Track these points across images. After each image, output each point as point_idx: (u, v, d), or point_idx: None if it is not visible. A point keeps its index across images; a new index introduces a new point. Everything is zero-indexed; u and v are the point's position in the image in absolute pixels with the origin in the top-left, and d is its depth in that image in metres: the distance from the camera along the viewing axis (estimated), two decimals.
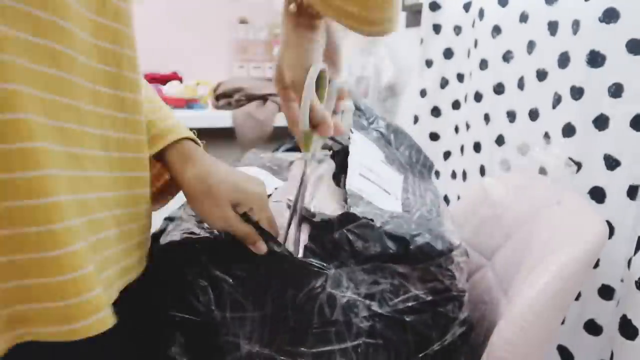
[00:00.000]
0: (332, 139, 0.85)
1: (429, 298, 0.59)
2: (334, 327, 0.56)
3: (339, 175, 0.77)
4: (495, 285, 0.77)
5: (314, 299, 0.57)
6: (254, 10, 2.41)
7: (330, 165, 0.80)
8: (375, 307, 0.57)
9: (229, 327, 0.57)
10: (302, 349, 0.56)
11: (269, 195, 0.71)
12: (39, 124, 0.39)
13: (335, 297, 0.57)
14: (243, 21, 2.39)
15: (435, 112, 1.36)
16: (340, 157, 0.80)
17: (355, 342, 0.56)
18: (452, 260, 0.61)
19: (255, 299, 0.58)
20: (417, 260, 0.59)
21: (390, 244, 0.59)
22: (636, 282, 0.72)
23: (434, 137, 1.38)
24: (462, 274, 0.62)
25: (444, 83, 1.33)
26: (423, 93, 1.39)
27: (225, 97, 1.90)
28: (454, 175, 1.32)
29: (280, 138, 1.02)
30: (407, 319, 0.58)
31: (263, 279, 0.58)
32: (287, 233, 0.63)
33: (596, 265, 0.83)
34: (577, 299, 0.87)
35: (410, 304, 0.58)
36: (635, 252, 0.74)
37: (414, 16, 1.60)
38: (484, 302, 0.75)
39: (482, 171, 1.17)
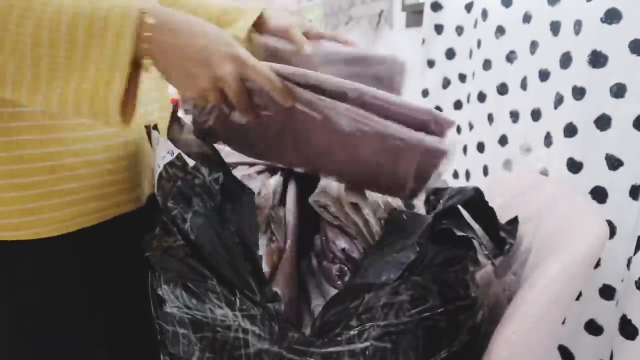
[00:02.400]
0: None
1: (444, 308, 0.59)
2: (347, 331, 0.56)
3: None
4: (495, 285, 0.77)
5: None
6: None
7: None
8: (391, 316, 0.57)
9: (239, 324, 0.57)
10: (312, 348, 0.57)
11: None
12: None
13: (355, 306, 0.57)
14: None
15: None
16: None
17: (364, 345, 0.56)
18: (468, 269, 0.61)
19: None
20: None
21: None
22: (636, 282, 0.72)
23: None
24: (474, 282, 0.63)
25: (446, 83, 1.33)
26: (425, 93, 1.39)
27: None
28: (456, 175, 1.32)
29: None
30: (420, 328, 0.58)
31: None
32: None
33: (597, 265, 0.83)
34: (577, 298, 0.87)
35: (425, 314, 0.58)
36: (635, 252, 0.74)
37: (413, 16, 1.60)
38: (483, 302, 0.75)
39: (485, 171, 1.17)
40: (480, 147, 1.19)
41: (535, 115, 0.98)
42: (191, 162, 0.61)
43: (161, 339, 0.60)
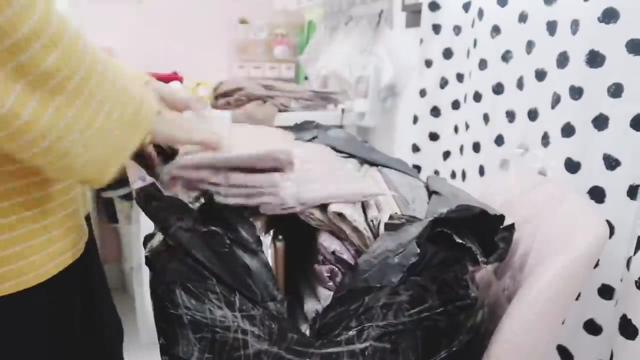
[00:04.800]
0: None
1: (443, 308, 0.59)
2: (346, 332, 0.56)
3: None
4: (495, 285, 0.77)
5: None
6: (254, 10, 2.42)
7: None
8: (390, 316, 0.57)
9: (238, 325, 0.57)
10: (311, 349, 0.57)
11: None
12: None
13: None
14: (243, 21, 2.40)
15: (435, 112, 1.36)
16: None
17: (363, 345, 0.57)
18: (467, 269, 0.61)
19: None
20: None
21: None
22: (636, 281, 0.72)
23: (434, 137, 1.38)
24: (473, 282, 0.63)
25: (444, 83, 1.33)
26: (423, 93, 1.39)
27: (225, 97, 1.90)
28: (453, 175, 1.32)
29: None
30: (419, 328, 0.58)
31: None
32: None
33: (596, 265, 0.83)
34: (576, 298, 0.87)
35: (425, 314, 0.58)
36: (635, 252, 0.74)
37: (413, 16, 1.60)
38: (483, 302, 0.75)
39: (482, 171, 1.17)
40: (476, 147, 1.19)
41: (532, 115, 0.98)
42: (166, 193, 0.59)
43: (160, 340, 0.60)
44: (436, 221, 0.58)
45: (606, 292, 0.84)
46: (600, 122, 0.81)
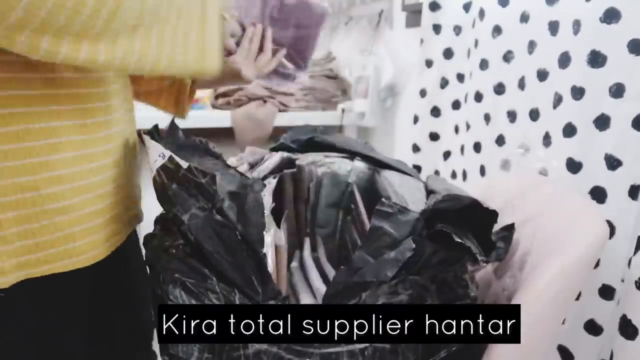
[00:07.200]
0: None
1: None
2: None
3: None
4: (495, 284, 0.77)
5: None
6: None
7: None
8: None
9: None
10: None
11: None
12: None
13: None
14: None
15: (435, 112, 1.36)
16: None
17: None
18: (466, 268, 0.61)
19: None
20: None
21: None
22: (636, 282, 0.72)
23: (434, 137, 1.38)
24: (473, 282, 0.63)
25: (444, 83, 1.33)
26: (423, 93, 1.39)
27: (224, 97, 1.90)
28: (454, 175, 1.32)
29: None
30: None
31: None
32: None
33: (597, 265, 0.83)
34: (577, 298, 0.87)
35: None
36: (635, 252, 0.74)
37: (413, 16, 1.60)
38: (483, 302, 0.75)
39: (482, 171, 1.17)
40: (477, 147, 1.19)
41: (534, 115, 0.98)
42: (184, 164, 0.60)
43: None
44: (425, 212, 0.58)
45: (607, 292, 0.84)
46: (602, 122, 0.81)
